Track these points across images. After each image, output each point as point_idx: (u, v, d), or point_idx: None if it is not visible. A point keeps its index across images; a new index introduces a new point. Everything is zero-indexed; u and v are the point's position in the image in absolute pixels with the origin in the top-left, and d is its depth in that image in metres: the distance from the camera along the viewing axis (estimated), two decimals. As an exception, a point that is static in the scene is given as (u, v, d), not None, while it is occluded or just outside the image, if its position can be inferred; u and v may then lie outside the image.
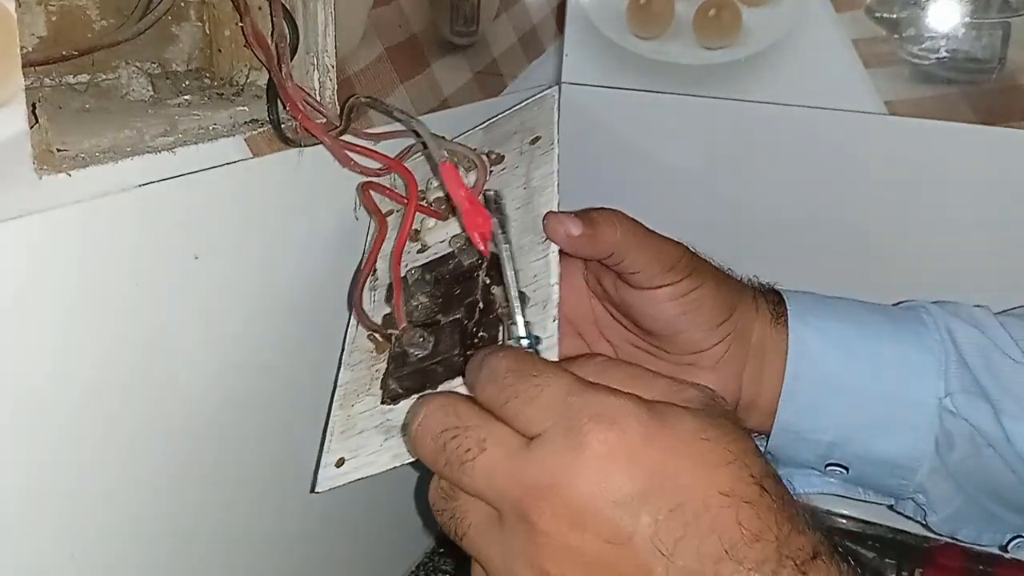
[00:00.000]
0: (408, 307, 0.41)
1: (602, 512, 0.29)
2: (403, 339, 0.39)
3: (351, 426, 0.41)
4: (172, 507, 0.40)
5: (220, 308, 0.40)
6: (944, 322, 0.50)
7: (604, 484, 0.29)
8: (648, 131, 0.69)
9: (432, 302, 0.41)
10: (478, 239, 0.38)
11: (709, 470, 0.29)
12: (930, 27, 0.59)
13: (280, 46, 0.40)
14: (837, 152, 0.64)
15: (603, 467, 0.29)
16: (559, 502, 0.29)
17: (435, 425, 0.32)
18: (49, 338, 0.32)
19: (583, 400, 0.30)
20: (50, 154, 0.31)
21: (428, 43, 0.53)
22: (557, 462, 0.29)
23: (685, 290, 0.45)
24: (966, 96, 0.59)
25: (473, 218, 0.37)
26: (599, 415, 0.29)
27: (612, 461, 0.29)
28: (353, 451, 0.40)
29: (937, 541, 0.66)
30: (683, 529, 0.28)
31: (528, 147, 0.46)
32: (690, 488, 0.29)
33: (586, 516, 0.29)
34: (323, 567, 0.53)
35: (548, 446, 0.30)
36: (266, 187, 0.41)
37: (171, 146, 0.36)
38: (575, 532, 0.29)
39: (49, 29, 0.39)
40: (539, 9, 0.68)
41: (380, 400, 0.40)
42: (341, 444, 0.41)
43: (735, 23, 0.65)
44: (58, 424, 0.33)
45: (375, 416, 0.40)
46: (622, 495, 0.29)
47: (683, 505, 0.29)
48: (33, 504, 0.33)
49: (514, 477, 0.30)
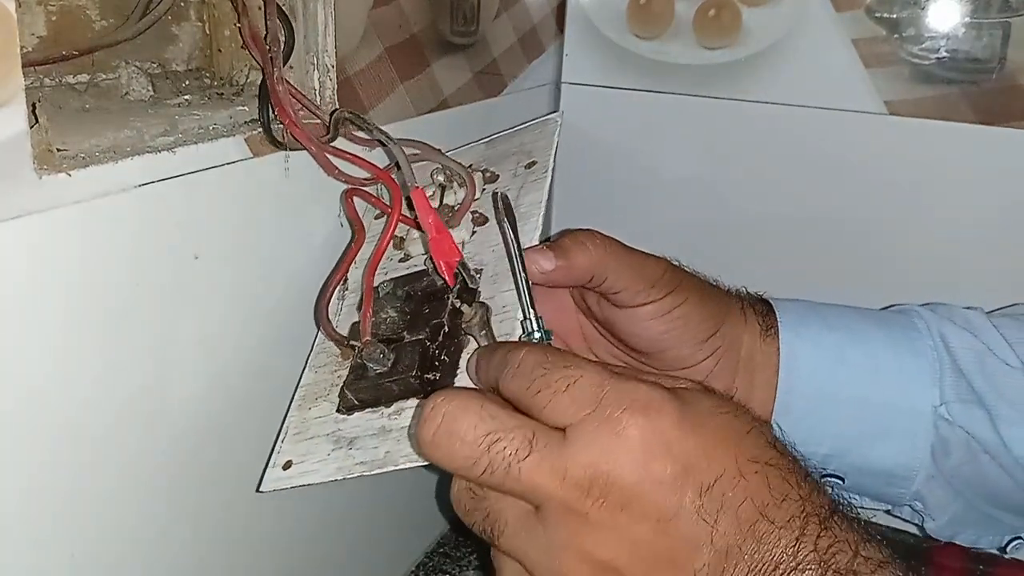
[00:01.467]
0: (376, 319, 0.41)
1: (648, 494, 0.30)
2: (364, 352, 0.39)
3: (304, 429, 0.41)
4: (172, 506, 0.40)
5: (220, 308, 0.40)
6: (937, 327, 0.50)
7: (647, 468, 0.30)
8: (648, 131, 0.69)
9: (400, 318, 0.41)
10: (443, 267, 0.38)
11: (736, 441, 0.31)
12: (930, 27, 0.59)
13: (273, 49, 0.40)
14: (837, 152, 0.64)
15: (644, 452, 0.30)
16: (607, 490, 0.30)
17: (465, 429, 0.31)
18: (49, 338, 0.32)
19: (616, 389, 0.31)
20: (50, 154, 0.31)
21: (428, 43, 0.53)
22: (600, 452, 0.30)
23: (669, 307, 0.45)
24: (966, 96, 0.59)
25: (439, 246, 0.38)
26: (633, 402, 0.31)
27: (652, 445, 0.30)
28: (301, 456, 0.40)
29: (937, 541, 0.65)
30: (722, 499, 0.30)
31: (523, 171, 0.46)
32: (723, 460, 0.31)
33: (633, 500, 0.30)
34: (322, 567, 0.53)
35: (587, 436, 0.30)
36: (266, 187, 0.41)
37: (171, 146, 0.36)
38: (624, 516, 0.30)
39: (49, 29, 0.39)
40: (539, 9, 0.68)
41: (335, 408, 0.41)
42: (292, 446, 0.41)
43: (735, 23, 0.65)
44: (58, 424, 0.33)
45: (328, 424, 0.40)
46: (666, 476, 0.30)
47: (721, 477, 0.30)
48: (33, 504, 0.33)
49: (556, 471, 0.30)
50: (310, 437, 0.41)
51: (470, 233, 0.44)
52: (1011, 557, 0.53)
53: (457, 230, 0.44)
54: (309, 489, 0.44)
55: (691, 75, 0.67)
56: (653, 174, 0.70)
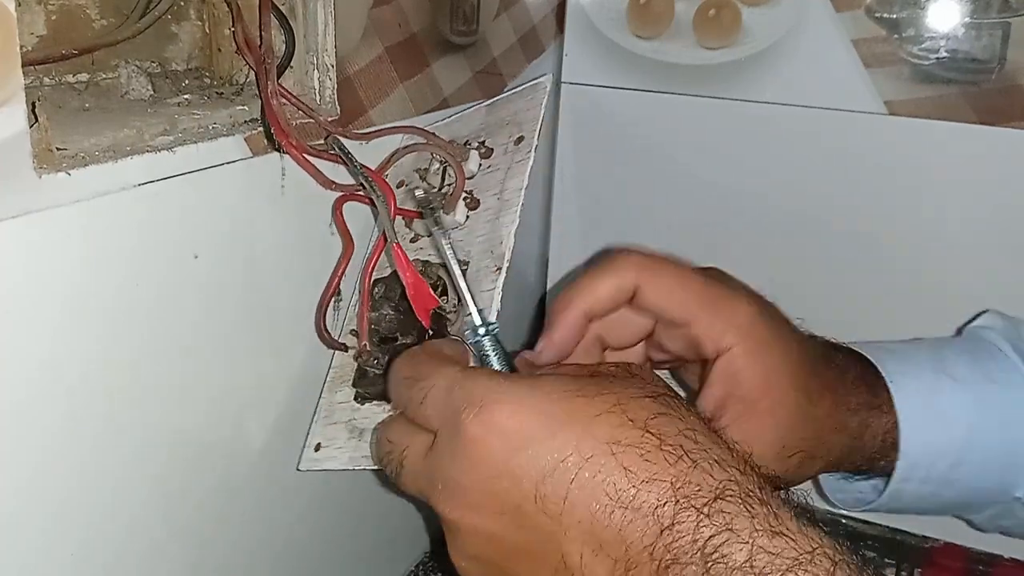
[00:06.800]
0: (376, 317, 0.42)
1: (486, 489, 0.30)
2: (360, 359, 0.41)
3: (331, 413, 0.43)
4: (171, 506, 0.40)
5: (220, 307, 0.40)
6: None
7: (483, 463, 0.30)
8: (648, 131, 0.69)
9: (397, 316, 0.42)
10: (423, 313, 0.39)
11: (585, 423, 0.30)
12: (930, 27, 0.59)
13: (268, 60, 0.39)
14: (837, 152, 0.64)
15: (478, 448, 0.31)
16: (457, 494, 0.31)
17: (376, 442, 0.37)
18: (49, 337, 0.32)
19: (461, 391, 0.32)
20: (50, 153, 0.31)
21: (428, 43, 0.53)
22: (444, 458, 0.32)
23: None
24: (966, 96, 0.59)
25: (417, 298, 0.38)
26: (470, 400, 0.31)
27: (485, 440, 0.30)
28: (329, 440, 0.42)
29: (937, 541, 0.66)
30: (567, 485, 0.29)
31: (513, 147, 0.46)
32: (566, 444, 0.30)
33: (475, 498, 0.31)
34: (322, 567, 0.53)
35: (440, 446, 0.32)
36: (266, 186, 0.41)
37: (171, 145, 0.36)
38: (473, 515, 0.31)
39: (49, 28, 0.39)
40: (539, 9, 0.68)
41: (352, 397, 0.42)
42: (321, 429, 0.42)
43: (735, 23, 0.65)
44: (58, 423, 0.33)
45: (347, 411, 0.42)
46: (501, 468, 0.30)
47: (563, 462, 0.29)
48: (33, 504, 0.33)
49: (427, 478, 0.33)
50: (334, 422, 0.42)
51: (464, 217, 0.44)
52: (1011, 557, 0.53)
53: (452, 216, 0.44)
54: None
55: (691, 75, 0.67)
56: (653, 174, 0.70)
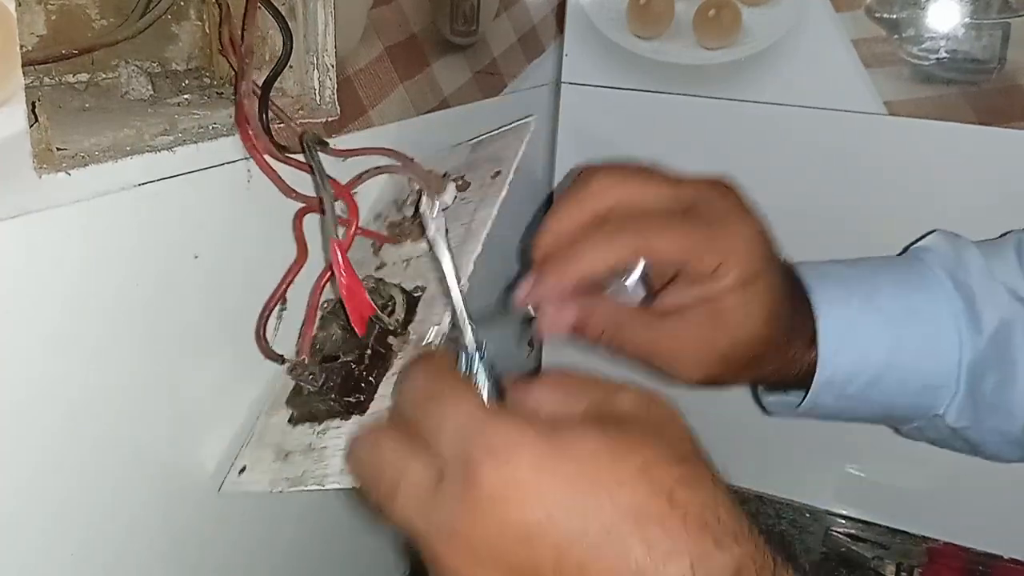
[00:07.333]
0: (323, 335, 0.41)
1: (496, 546, 0.28)
2: (294, 373, 0.39)
3: (264, 435, 0.41)
4: (171, 507, 0.40)
5: (219, 307, 0.40)
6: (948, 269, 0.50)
7: (496, 521, 0.28)
8: (648, 131, 0.69)
9: (343, 336, 0.41)
10: (358, 320, 0.38)
11: (610, 490, 0.28)
12: (930, 27, 0.59)
13: (247, 60, 0.39)
14: (837, 152, 0.64)
15: (498, 506, 0.28)
16: (461, 545, 0.29)
17: (361, 458, 0.33)
18: (48, 336, 0.32)
19: (479, 433, 0.30)
20: (50, 153, 0.31)
21: (428, 43, 0.53)
22: (456, 505, 0.29)
23: None
24: (966, 96, 0.59)
25: (352, 301, 0.38)
26: (491, 449, 0.29)
27: (506, 499, 0.28)
28: (253, 462, 0.40)
29: (936, 541, 0.66)
30: (586, 554, 0.28)
31: (489, 180, 0.45)
32: (590, 513, 0.28)
33: (482, 553, 0.29)
34: (321, 567, 0.53)
35: (449, 487, 0.30)
36: (265, 186, 0.41)
37: (171, 145, 0.36)
38: (477, 569, 0.29)
39: (49, 28, 0.39)
40: (539, 9, 0.68)
41: (287, 418, 0.41)
42: (250, 451, 0.41)
43: (735, 23, 0.65)
44: (58, 423, 0.33)
45: (278, 432, 0.40)
46: (520, 532, 0.28)
47: (584, 532, 0.28)
48: (33, 504, 0.33)
49: (425, 517, 0.30)
50: (265, 444, 0.40)
51: (453, 198, 0.43)
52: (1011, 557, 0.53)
53: (442, 196, 0.43)
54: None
55: (691, 75, 0.67)
56: (653, 174, 0.70)
